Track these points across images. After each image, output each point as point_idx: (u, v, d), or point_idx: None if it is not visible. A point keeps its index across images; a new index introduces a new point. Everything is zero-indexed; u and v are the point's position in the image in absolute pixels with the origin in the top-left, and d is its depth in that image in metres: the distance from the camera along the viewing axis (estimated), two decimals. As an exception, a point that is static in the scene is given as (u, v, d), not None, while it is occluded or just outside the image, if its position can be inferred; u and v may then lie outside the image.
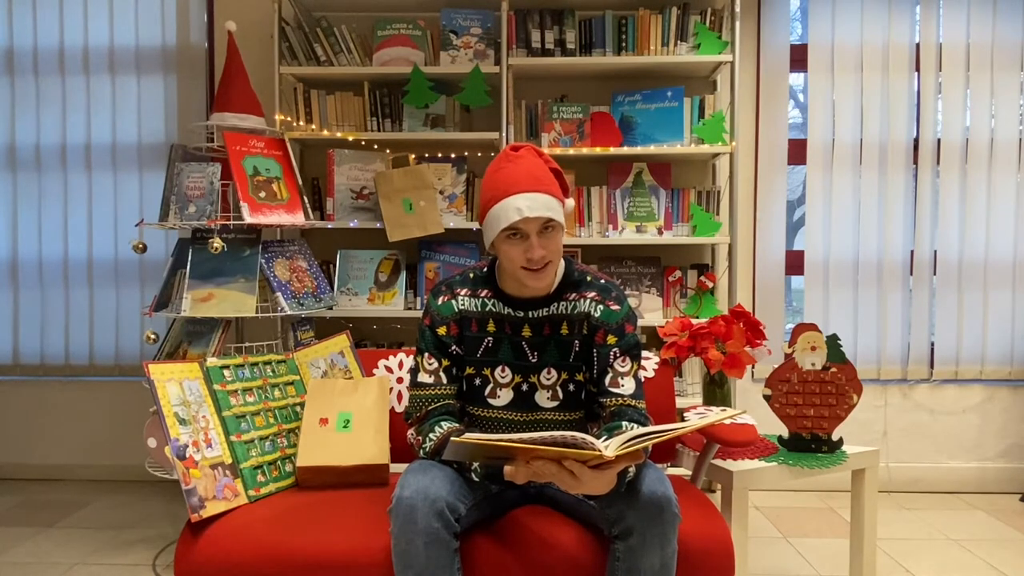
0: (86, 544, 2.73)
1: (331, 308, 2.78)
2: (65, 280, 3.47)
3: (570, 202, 1.77)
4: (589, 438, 1.40)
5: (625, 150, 3.04)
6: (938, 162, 3.34)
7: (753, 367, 3.39)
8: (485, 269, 1.82)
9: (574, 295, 1.77)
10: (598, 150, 3.05)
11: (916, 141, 3.33)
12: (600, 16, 3.06)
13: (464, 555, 1.61)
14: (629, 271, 3.17)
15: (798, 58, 3.34)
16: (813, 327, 2.18)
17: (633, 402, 1.71)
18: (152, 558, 2.60)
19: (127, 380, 3.49)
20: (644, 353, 2.21)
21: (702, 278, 3.09)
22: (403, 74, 3.03)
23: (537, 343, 1.76)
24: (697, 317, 3.05)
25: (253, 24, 3.34)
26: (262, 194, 2.60)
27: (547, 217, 1.62)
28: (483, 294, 1.79)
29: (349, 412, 2.01)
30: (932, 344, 3.39)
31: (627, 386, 1.72)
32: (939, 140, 3.34)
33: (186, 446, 1.76)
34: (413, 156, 3.17)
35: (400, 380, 2.19)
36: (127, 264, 3.46)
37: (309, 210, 2.75)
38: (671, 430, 1.42)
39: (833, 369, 2.17)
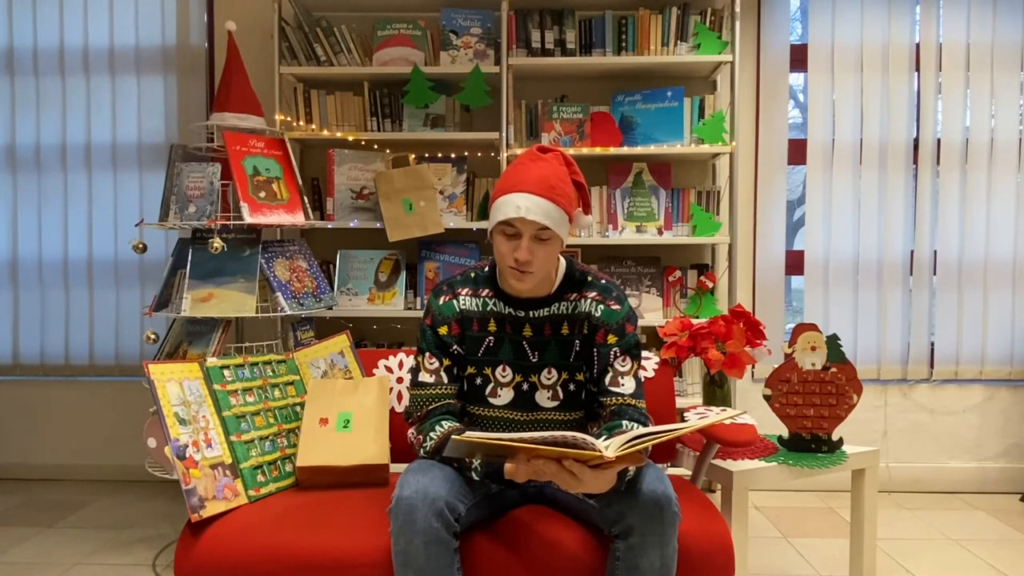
0: (86, 544, 2.73)
1: (331, 308, 2.78)
2: (65, 280, 3.47)
3: (587, 218, 1.76)
4: (589, 439, 1.40)
5: (625, 150, 3.04)
6: (938, 162, 3.34)
7: (753, 367, 3.39)
8: (486, 269, 1.82)
9: (575, 295, 1.77)
10: (598, 150, 3.05)
11: (916, 141, 3.33)
12: (600, 16, 3.06)
13: (464, 555, 1.61)
14: (629, 271, 3.17)
15: (798, 58, 3.34)
16: (813, 327, 2.18)
17: (633, 401, 1.71)
18: (152, 558, 2.60)
19: (127, 380, 3.49)
20: (644, 353, 2.21)
21: (702, 278, 3.09)
22: (403, 74, 3.04)
23: (538, 343, 1.76)
24: (697, 317, 3.05)
25: (253, 24, 3.34)
26: (262, 194, 2.60)
27: (543, 224, 1.62)
28: (484, 294, 1.79)
29: (349, 412, 2.01)
30: (932, 344, 3.39)
31: (627, 385, 1.72)
32: (939, 140, 3.34)
33: (186, 446, 1.76)
34: (413, 156, 3.17)
35: (400, 380, 2.19)
36: (127, 264, 3.46)
37: (309, 210, 2.75)
38: (671, 431, 1.42)
39: (833, 369, 2.17)
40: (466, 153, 3.17)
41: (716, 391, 2.23)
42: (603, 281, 1.79)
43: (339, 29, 3.07)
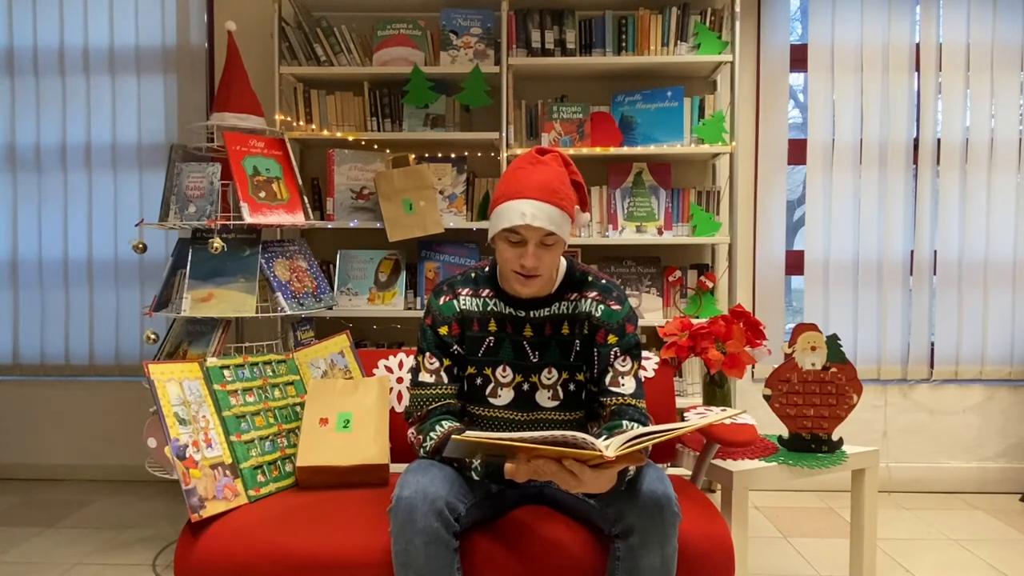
0: (86, 544, 2.73)
1: (331, 308, 2.78)
2: (65, 280, 3.47)
3: (585, 216, 1.77)
4: (589, 438, 1.40)
5: (625, 150, 3.04)
6: (938, 162, 3.34)
7: (753, 367, 3.39)
8: (487, 269, 1.82)
9: (575, 295, 1.77)
10: (598, 150, 3.05)
11: (916, 141, 3.33)
12: (600, 16, 3.06)
13: (464, 555, 1.61)
14: (629, 271, 3.17)
15: (798, 58, 3.34)
16: (813, 327, 2.18)
17: (633, 401, 1.71)
18: (152, 558, 2.60)
19: (127, 380, 3.49)
20: (644, 353, 2.21)
21: (702, 278, 3.09)
22: (403, 74, 3.04)
23: (538, 343, 1.76)
24: (697, 317, 3.05)
25: (253, 24, 3.34)
26: (262, 194, 2.60)
27: (549, 230, 1.62)
28: (484, 294, 1.79)
29: (349, 412, 2.01)
30: (932, 344, 3.39)
31: (627, 385, 1.72)
32: (939, 140, 3.34)
33: (186, 446, 1.76)
34: (413, 156, 3.17)
35: (400, 380, 2.19)
36: (127, 264, 3.46)
37: (309, 210, 2.75)
38: (671, 430, 1.42)
39: (833, 369, 2.17)
40: (466, 153, 3.17)
41: (716, 391, 2.23)
42: (603, 281, 1.79)
43: (339, 29, 3.07)
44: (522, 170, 1.65)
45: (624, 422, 1.67)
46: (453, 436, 1.43)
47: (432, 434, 1.68)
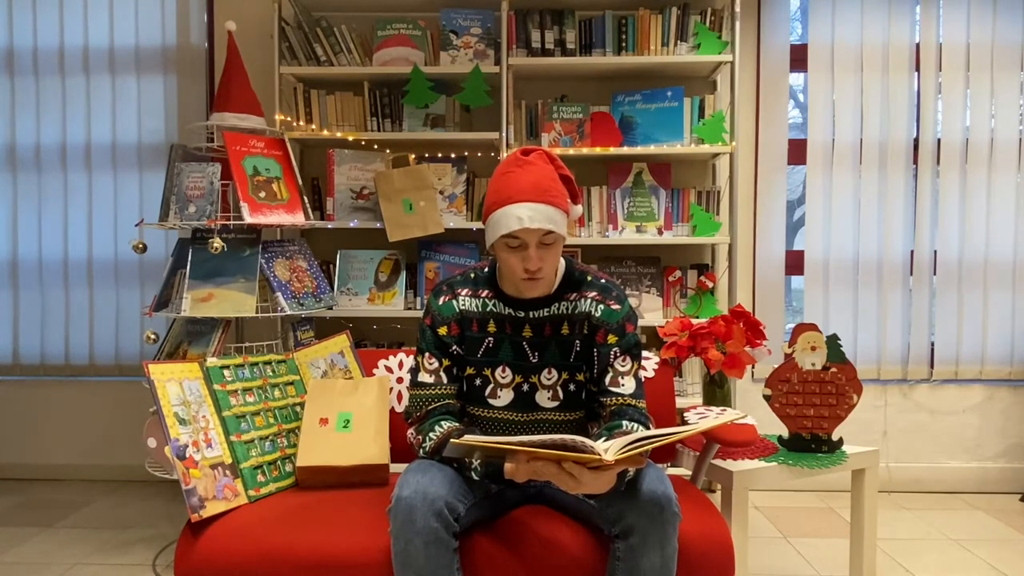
0: (86, 544, 2.73)
1: (331, 308, 2.78)
2: (65, 280, 3.47)
3: (577, 208, 1.77)
4: (588, 442, 1.40)
5: (625, 150, 3.04)
6: (938, 162, 3.34)
7: (753, 367, 3.39)
8: (486, 269, 1.82)
9: (575, 295, 1.77)
10: (598, 150, 3.05)
11: (916, 141, 3.33)
12: (600, 16, 3.06)
13: (464, 555, 1.61)
14: (629, 271, 3.17)
15: (798, 58, 3.34)
16: (813, 327, 2.18)
17: (633, 401, 1.71)
18: (152, 558, 2.60)
19: (127, 380, 3.49)
20: (644, 353, 2.21)
21: (702, 278, 3.09)
22: (403, 74, 3.04)
23: (538, 343, 1.76)
24: (697, 317, 3.05)
25: (253, 24, 3.34)
26: (262, 194, 2.60)
27: (547, 229, 1.62)
28: (484, 294, 1.79)
29: (349, 412, 2.01)
30: (932, 344, 3.39)
31: (627, 385, 1.72)
32: (939, 140, 3.34)
33: (186, 446, 1.76)
34: (413, 156, 3.17)
35: (400, 380, 2.19)
36: (127, 264, 3.46)
37: (309, 210, 2.75)
38: (670, 435, 1.42)
39: (833, 369, 2.17)
40: (466, 153, 3.17)
41: (716, 391, 2.23)
42: (603, 281, 1.79)
43: (339, 29, 3.07)
44: (510, 174, 1.65)
45: (624, 422, 1.67)
46: (452, 440, 1.43)
47: (431, 434, 1.68)
